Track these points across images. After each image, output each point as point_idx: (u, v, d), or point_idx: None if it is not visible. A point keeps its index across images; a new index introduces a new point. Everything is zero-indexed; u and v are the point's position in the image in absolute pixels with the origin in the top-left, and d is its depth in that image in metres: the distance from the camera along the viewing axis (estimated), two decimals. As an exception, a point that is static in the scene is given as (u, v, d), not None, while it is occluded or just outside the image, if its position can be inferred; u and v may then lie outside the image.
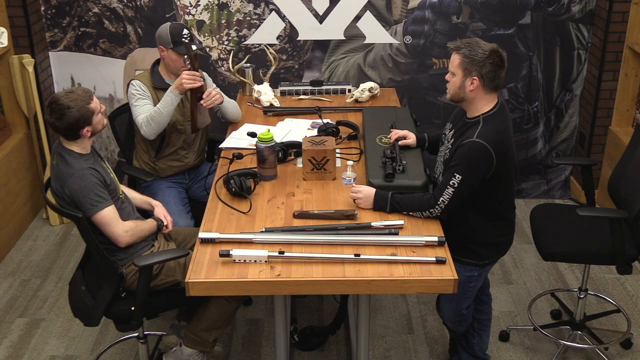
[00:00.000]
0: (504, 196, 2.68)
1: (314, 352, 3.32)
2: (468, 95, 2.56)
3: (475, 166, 2.51)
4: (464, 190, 2.53)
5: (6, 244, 4.12)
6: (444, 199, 2.54)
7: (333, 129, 3.25)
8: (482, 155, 2.50)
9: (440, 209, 2.55)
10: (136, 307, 2.66)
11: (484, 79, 2.52)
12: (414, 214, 2.61)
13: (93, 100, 2.63)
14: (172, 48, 3.20)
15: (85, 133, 2.62)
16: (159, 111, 3.16)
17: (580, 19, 4.34)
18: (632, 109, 4.37)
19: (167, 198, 3.28)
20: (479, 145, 2.49)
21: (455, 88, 2.57)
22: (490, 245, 2.74)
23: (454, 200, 2.54)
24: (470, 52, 2.50)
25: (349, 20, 4.35)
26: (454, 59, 2.55)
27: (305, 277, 2.30)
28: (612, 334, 3.38)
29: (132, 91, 3.24)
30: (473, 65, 2.50)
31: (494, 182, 2.58)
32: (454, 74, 2.56)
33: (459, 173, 2.50)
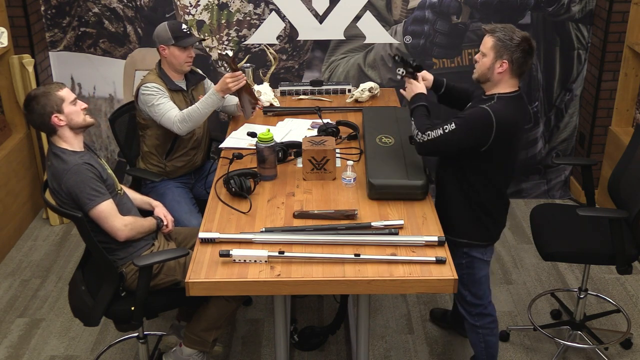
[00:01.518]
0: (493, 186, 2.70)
1: (314, 352, 3.32)
2: (495, 77, 2.63)
3: (472, 127, 2.57)
4: (451, 141, 2.58)
5: (6, 244, 4.12)
6: (432, 134, 2.62)
7: (333, 129, 3.26)
8: (483, 122, 2.55)
9: (424, 139, 2.64)
10: (136, 307, 2.66)
11: (513, 63, 2.60)
12: (412, 126, 2.72)
13: (62, 90, 2.64)
14: (174, 44, 3.20)
15: (57, 121, 2.61)
16: (198, 110, 3.17)
17: (580, 19, 4.34)
18: (632, 109, 4.37)
19: (178, 198, 3.30)
20: (485, 112, 2.56)
21: (485, 68, 2.64)
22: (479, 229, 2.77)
23: (438, 142, 2.60)
24: (504, 36, 2.59)
25: (349, 20, 4.35)
26: (487, 41, 2.63)
27: (305, 277, 2.30)
28: (612, 334, 3.38)
29: (149, 92, 3.19)
30: (505, 49, 2.58)
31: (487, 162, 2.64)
32: (485, 55, 2.63)
33: (456, 124, 2.57)
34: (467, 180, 2.70)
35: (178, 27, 3.22)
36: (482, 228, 2.77)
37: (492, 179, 2.69)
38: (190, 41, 3.24)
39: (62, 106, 2.61)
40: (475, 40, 4.35)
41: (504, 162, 2.68)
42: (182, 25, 3.25)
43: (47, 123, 2.62)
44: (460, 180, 2.71)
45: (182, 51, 3.23)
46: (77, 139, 2.68)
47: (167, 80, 3.27)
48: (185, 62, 3.27)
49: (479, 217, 2.75)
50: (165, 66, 3.30)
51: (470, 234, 2.77)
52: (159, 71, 3.29)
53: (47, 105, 2.59)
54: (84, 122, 2.68)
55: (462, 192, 2.73)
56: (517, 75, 2.64)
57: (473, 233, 2.77)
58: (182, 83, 3.35)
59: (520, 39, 2.58)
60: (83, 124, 2.68)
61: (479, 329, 2.94)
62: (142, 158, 3.40)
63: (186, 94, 3.35)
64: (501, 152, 2.62)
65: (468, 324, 2.96)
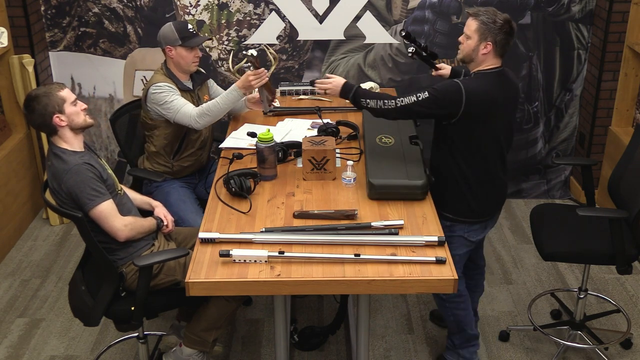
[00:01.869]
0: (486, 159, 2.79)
1: (314, 352, 3.32)
2: (479, 58, 2.75)
3: (443, 96, 2.68)
4: (422, 108, 2.70)
5: (6, 244, 4.12)
6: (404, 101, 2.73)
7: (333, 129, 3.26)
8: (452, 91, 2.67)
9: (396, 105, 2.74)
10: (136, 307, 2.66)
11: (496, 44, 2.72)
12: (369, 104, 2.82)
13: (63, 90, 2.64)
14: (180, 45, 3.19)
15: (58, 122, 2.61)
16: (218, 105, 3.17)
17: (580, 19, 4.34)
18: (632, 109, 4.37)
19: (183, 197, 3.30)
20: (456, 84, 2.68)
21: (469, 50, 2.75)
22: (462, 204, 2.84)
23: (410, 108, 2.72)
24: (487, 19, 2.70)
25: (349, 20, 4.35)
26: (471, 24, 2.73)
27: (305, 277, 2.30)
28: (612, 334, 3.38)
29: (161, 90, 3.17)
30: (489, 32, 2.70)
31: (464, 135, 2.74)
32: (470, 37, 2.74)
33: (429, 93, 2.69)
34: (451, 153, 2.81)
35: (184, 27, 3.21)
36: (463, 203, 2.84)
37: (474, 154, 2.78)
38: (198, 41, 3.24)
39: (63, 106, 2.61)
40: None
41: (484, 137, 2.75)
42: (187, 25, 3.24)
43: (48, 123, 2.62)
44: (447, 153, 2.82)
45: (189, 51, 3.22)
46: (77, 139, 2.68)
47: (176, 80, 3.27)
48: (193, 62, 3.26)
49: (461, 191, 2.83)
50: (171, 67, 3.28)
51: (452, 208, 2.84)
52: (166, 72, 3.27)
53: (48, 105, 2.59)
54: (85, 122, 2.68)
55: (447, 165, 2.83)
56: (500, 55, 2.75)
57: (455, 207, 2.85)
58: (189, 83, 3.34)
59: (502, 21, 2.70)
60: (83, 125, 2.68)
61: (446, 303, 3.03)
62: (148, 158, 3.39)
63: (193, 94, 3.35)
64: (477, 125, 2.72)
65: (437, 297, 3.07)
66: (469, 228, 2.89)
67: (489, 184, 2.85)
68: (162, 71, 3.28)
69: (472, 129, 2.73)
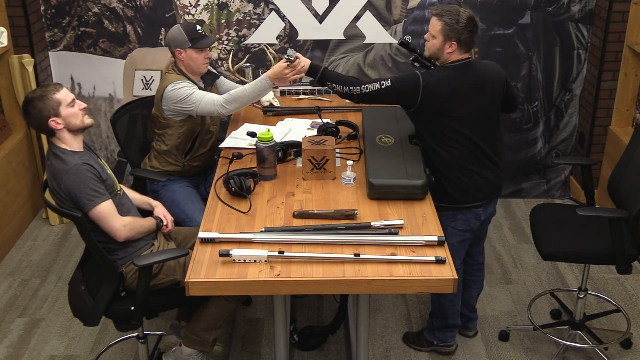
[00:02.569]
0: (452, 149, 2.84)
1: (314, 352, 3.32)
2: (445, 56, 2.83)
3: (403, 85, 2.79)
4: (384, 96, 2.82)
5: (6, 244, 4.12)
6: (368, 88, 2.84)
7: (333, 129, 3.26)
8: (411, 82, 2.77)
9: (360, 92, 2.85)
10: (136, 307, 2.66)
11: (461, 44, 2.79)
12: (335, 88, 2.92)
13: (60, 92, 2.62)
14: (190, 47, 3.18)
15: (54, 125, 2.60)
16: (246, 92, 3.17)
17: (580, 19, 4.34)
18: (632, 109, 4.37)
19: (191, 197, 3.31)
20: (415, 75, 2.78)
21: (435, 49, 2.84)
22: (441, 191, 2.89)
23: (373, 95, 2.84)
24: (451, 21, 2.77)
25: (349, 20, 4.35)
26: (435, 24, 2.81)
27: (305, 277, 2.30)
28: (612, 334, 3.38)
29: (182, 86, 3.15)
30: (453, 32, 2.77)
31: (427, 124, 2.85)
32: (435, 37, 2.82)
33: (391, 81, 2.80)
34: (423, 141, 2.92)
35: (193, 29, 3.20)
36: (441, 190, 2.90)
37: (438, 143, 2.85)
38: (208, 42, 3.22)
39: (59, 110, 2.60)
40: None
41: (447, 128, 2.81)
42: (196, 26, 3.22)
43: (44, 127, 2.61)
44: (421, 141, 2.94)
45: (200, 53, 3.21)
46: (76, 140, 2.68)
47: (191, 80, 3.26)
48: (203, 64, 3.25)
49: (436, 178, 2.87)
50: (183, 69, 3.26)
51: (432, 195, 2.86)
52: (179, 72, 3.25)
53: (43, 109, 2.58)
54: (82, 124, 2.67)
55: (425, 154, 2.91)
56: (466, 51, 2.83)
57: (434, 193, 2.87)
58: (200, 84, 3.33)
59: (466, 21, 2.76)
60: (81, 126, 2.67)
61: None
62: (157, 157, 3.35)
63: None
64: (436, 116, 2.80)
65: None
66: (454, 217, 2.93)
67: (463, 172, 2.87)
68: (174, 71, 3.26)
69: (433, 120, 2.82)
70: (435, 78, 2.78)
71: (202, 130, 3.32)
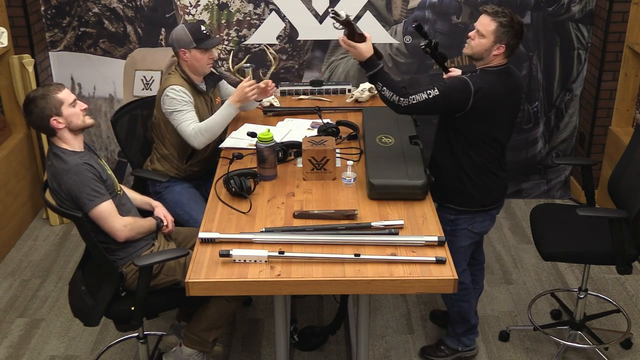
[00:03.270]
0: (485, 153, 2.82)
1: (314, 352, 3.32)
2: (490, 58, 2.76)
3: (452, 92, 2.70)
4: (432, 105, 2.71)
5: (6, 244, 4.12)
6: (415, 98, 2.71)
7: (333, 129, 3.26)
8: (461, 88, 2.70)
9: (408, 103, 2.72)
10: (136, 307, 2.66)
11: (508, 48, 2.73)
12: (383, 91, 2.75)
13: (62, 92, 2.63)
14: (195, 47, 3.17)
15: (55, 124, 2.60)
16: (216, 120, 3.17)
17: (580, 19, 4.34)
18: (632, 109, 4.37)
19: (194, 197, 3.30)
20: (464, 80, 2.72)
21: (482, 50, 2.74)
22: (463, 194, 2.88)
23: (420, 106, 2.71)
24: (508, 23, 2.69)
25: (349, 20, 4.34)
26: (488, 23, 2.71)
27: (305, 277, 2.30)
28: (612, 334, 3.38)
29: (174, 96, 3.15)
30: (505, 35, 2.70)
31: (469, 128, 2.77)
32: (484, 36, 2.72)
33: (438, 90, 2.69)
34: (451, 146, 2.84)
35: (198, 29, 3.18)
36: (465, 194, 2.88)
37: (476, 145, 2.81)
38: (212, 43, 3.21)
39: (60, 109, 2.60)
40: (475, 40, 4.35)
41: (486, 132, 2.78)
42: (200, 26, 3.20)
43: (46, 126, 2.61)
44: (447, 146, 2.86)
45: (204, 53, 3.19)
46: (77, 140, 2.68)
47: (192, 83, 3.24)
48: (207, 64, 3.24)
49: (462, 183, 2.86)
50: (186, 69, 3.25)
51: (454, 200, 2.87)
52: (182, 73, 3.24)
53: (45, 108, 2.58)
54: (83, 123, 2.67)
55: (448, 156, 2.87)
56: (508, 56, 2.77)
57: (457, 199, 2.88)
58: (203, 86, 3.32)
59: (519, 25, 2.71)
60: (82, 126, 2.67)
61: (452, 295, 3.04)
62: (159, 160, 3.35)
63: (206, 96, 3.34)
64: (480, 119, 2.74)
65: None
66: (472, 220, 2.93)
67: (488, 176, 2.88)
68: (177, 73, 3.25)
69: (476, 124, 2.76)
70: (485, 83, 2.71)
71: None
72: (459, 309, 3.11)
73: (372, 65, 2.77)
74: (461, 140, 2.82)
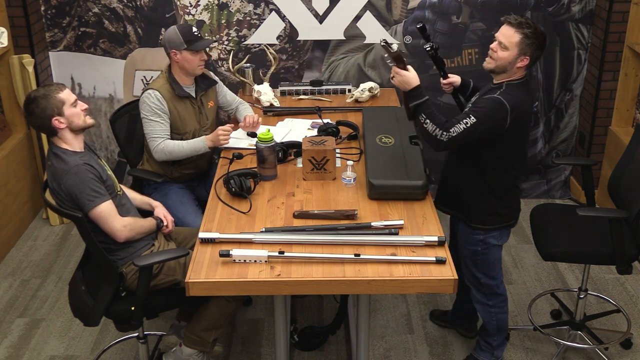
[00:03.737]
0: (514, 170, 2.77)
1: (314, 352, 3.32)
2: (513, 71, 2.67)
3: (489, 115, 2.59)
4: (472, 133, 2.60)
5: (6, 244, 4.12)
6: (455, 131, 2.60)
7: (333, 129, 3.26)
8: (498, 109, 2.59)
9: (449, 137, 2.60)
10: (136, 307, 2.66)
11: (532, 60, 2.65)
12: (426, 124, 2.63)
13: (63, 92, 2.63)
14: (186, 48, 3.17)
15: (57, 124, 2.60)
16: (182, 150, 3.20)
17: (580, 19, 4.34)
18: (632, 109, 4.37)
19: (182, 199, 3.29)
20: (498, 100, 2.60)
21: (505, 62, 2.65)
22: (492, 214, 2.83)
23: (461, 137, 2.60)
24: (532, 34, 2.60)
25: (349, 20, 4.35)
26: (512, 35, 2.61)
27: (305, 277, 2.30)
28: (612, 334, 3.38)
29: (148, 102, 3.17)
30: (529, 47, 2.61)
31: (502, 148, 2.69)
32: (507, 48, 2.63)
33: (474, 116, 2.59)
34: (479, 167, 2.76)
35: (189, 31, 3.18)
36: (495, 214, 2.83)
37: (507, 164, 2.75)
38: (203, 44, 3.20)
39: (62, 109, 2.60)
40: (475, 40, 4.35)
41: (517, 146, 2.74)
42: (192, 28, 3.20)
43: (47, 125, 2.61)
44: (475, 166, 2.76)
45: (195, 55, 3.19)
46: (77, 140, 2.68)
47: (176, 86, 3.23)
48: (198, 66, 3.23)
49: (490, 203, 2.80)
50: (176, 71, 3.25)
51: (484, 220, 2.83)
52: (168, 76, 3.25)
53: (47, 108, 2.58)
54: (84, 123, 2.67)
55: (476, 179, 2.78)
56: (529, 67, 2.70)
57: (487, 219, 2.83)
58: (191, 88, 3.31)
59: (542, 36, 2.63)
60: (83, 126, 2.68)
61: (492, 308, 3.02)
62: (148, 160, 3.36)
63: (194, 100, 3.31)
64: (514, 136, 2.68)
65: (481, 304, 3.04)
66: (500, 235, 2.90)
67: (514, 191, 2.86)
68: (164, 75, 3.26)
69: (509, 143, 2.69)
70: (517, 99, 2.62)
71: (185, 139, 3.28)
72: (499, 321, 3.05)
73: (418, 95, 2.65)
74: (492, 161, 2.73)
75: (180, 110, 3.24)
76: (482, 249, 2.90)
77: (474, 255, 2.92)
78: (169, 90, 3.22)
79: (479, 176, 2.77)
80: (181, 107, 3.25)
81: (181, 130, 3.26)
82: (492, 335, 3.10)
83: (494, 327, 3.07)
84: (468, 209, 2.85)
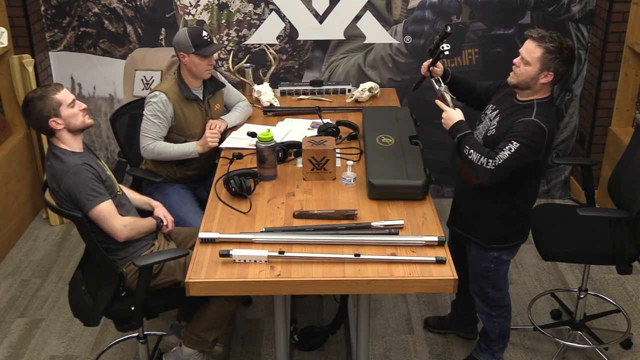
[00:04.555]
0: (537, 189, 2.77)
1: (314, 352, 3.32)
2: (537, 87, 2.58)
3: (532, 140, 2.52)
4: (519, 159, 2.52)
5: (6, 244, 4.12)
6: (500, 158, 2.52)
7: (333, 129, 3.26)
8: (537, 132, 2.52)
9: (495, 164, 2.52)
10: (136, 307, 2.66)
11: (557, 76, 2.55)
12: (470, 155, 2.57)
13: (60, 92, 2.62)
14: (194, 52, 3.17)
15: (54, 125, 2.60)
16: (172, 152, 3.21)
17: (580, 19, 4.34)
18: (632, 109, 4.37)
19: (184, 199, 3.30)
20: (538, 125, 2.52)
21: (528, 78, 2.57)
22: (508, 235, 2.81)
23: (508, 164, 2.52)
24: (554, 48, 2.50)
25: (349, 20, 4.35)
26: (533, 50, 2.53)
27: (305, 277, 2.30)
28: (612, 334, 3.38)
29: (153, 102, 3.18)
30: (553, 62, 2.52)
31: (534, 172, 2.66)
32: (530, 64, 2.54)
33: (517, 141, 2.50)
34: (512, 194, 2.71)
35: (199, 35, 3.18)
36: (508, 233, 2.81)
37: (535, 187, 2.75)
38: (211, 50, 3.20)
39: (59, 110, 2.60)
40: (475, 40, 4.35)
41: (542, 169, 2.73)
42: (202, 32, 3.20)
43: (44, 127, 2.61)
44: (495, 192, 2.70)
45: (203, 59, 3.19)
46: (76, 140, 2.68)
47: (185, 88, 3.24)
48: (206, 70, 3.24)
49: (508, 224, 2.78)
50: (184, 73, 3.25)
51: (501, 239, 2.80)
52: (177, 78, 3.25)
53: (44, 109, 2.58)
54: (83, 124, 2.67)
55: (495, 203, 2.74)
56: (555, 84, 2.61)
57: (505, 238, 2.81)
58: (199, 91, 3.31)
59: (568, 51, 2.52)
60: (81, 126, 2.67)
61: (495, 318, 3.00)
62: (152, 161, 3.36)
63: (202, 103, 3.32)
64: (543, 160, 2.65)
65: (484, 313, 3.02)
66: (512, 250, 2.88)
67: (530, 208, 2.85)
68: (173, 76, 3.27)
69: (539, 166, 2.66)
70: (549, 120, 2.55)
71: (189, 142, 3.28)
72: (501, 329, 3.03)
73: (461, 129, 2.63)
74: (524, 186, 2.69)
75: (186, 113, 3.24)
76: (494, 266, 2.87)
77: (486, 272, 2.89)
78: (177, 92, 3.22)
79: (508, 203, 2.73)
80: (188, 109, 3.25)
81: (186, 132, 3.27)
82: (493, 340, 3.08)
83: (496, 335, 3.05)
84: (485, 232, 2.81)
